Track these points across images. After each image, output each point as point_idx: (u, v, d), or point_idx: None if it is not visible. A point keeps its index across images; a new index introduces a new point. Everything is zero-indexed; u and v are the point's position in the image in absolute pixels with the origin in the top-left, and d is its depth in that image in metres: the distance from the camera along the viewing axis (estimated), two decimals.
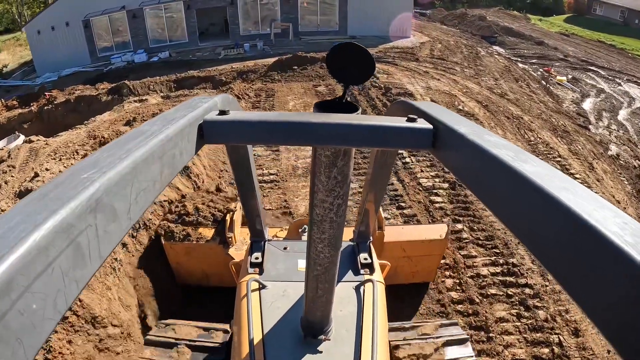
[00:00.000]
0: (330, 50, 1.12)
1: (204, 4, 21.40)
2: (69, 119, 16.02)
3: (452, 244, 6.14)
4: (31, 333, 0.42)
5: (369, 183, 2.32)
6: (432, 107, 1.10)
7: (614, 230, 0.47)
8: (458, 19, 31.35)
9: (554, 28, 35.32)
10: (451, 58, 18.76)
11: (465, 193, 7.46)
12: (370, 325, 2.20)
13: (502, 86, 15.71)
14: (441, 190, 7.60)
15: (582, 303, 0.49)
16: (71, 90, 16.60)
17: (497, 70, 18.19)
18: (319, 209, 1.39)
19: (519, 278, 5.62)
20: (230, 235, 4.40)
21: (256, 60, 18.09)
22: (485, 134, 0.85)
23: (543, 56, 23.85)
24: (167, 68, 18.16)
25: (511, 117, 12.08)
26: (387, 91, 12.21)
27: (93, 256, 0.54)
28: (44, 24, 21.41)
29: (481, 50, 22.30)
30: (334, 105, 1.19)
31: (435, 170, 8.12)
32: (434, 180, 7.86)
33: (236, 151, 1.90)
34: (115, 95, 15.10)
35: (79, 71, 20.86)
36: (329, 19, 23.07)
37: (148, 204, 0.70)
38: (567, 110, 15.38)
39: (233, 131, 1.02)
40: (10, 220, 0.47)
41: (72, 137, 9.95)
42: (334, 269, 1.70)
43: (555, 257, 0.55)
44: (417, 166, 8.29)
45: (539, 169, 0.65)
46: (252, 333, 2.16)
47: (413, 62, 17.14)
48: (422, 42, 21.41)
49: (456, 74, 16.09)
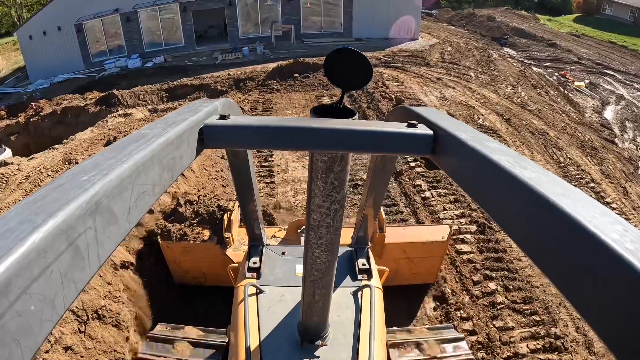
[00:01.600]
0: (328, 56, 1.11)
1: (201, 5, 19.87)
2: (56, 131, 14.82)
3: (484, 312, 4.84)
4: (29, 334, 0.41)
5: (368, 189, 2.29)
6: (433, 113, 1.09)
7: (614, 237, 0.46)
8: (466, 20, 29.67)
9: (563, 28, 33.56)
10: (463, 62, 17.21)
11: (497, 238, 6.03)
12: (368, 330, 2.15)
13: (520, 94, 14.19)
14: (468, 235, 6.15)
15: (582, 309, 0.48)
16: (59, 100, 15.33)
17: (513, 76, 16.64)
18: (316, 214, 1.37)
19: (562, 354, 4.52)
20: (228, 235, 4.30)
21: (255, 65, 16.65)
22: (485, 140, 0.84)
23: (557, 59, 22.26)
24: (161, 74, 16.76)
25: (536, 133, 10.63)
26: (398, 103, 10.74)
27: (92, 258, 0.53)
28: (36, 29, 20.03)
29: (493, 52, 20.73)
30: (331, 110, 1.15)
31: (461, 208, 6.66)
32: (459, 221, 6.40)
33: (236, 156, 1.88)
34: (104, 106, 13.75)
35: (72, 77, 19.48)
36: (333, 21, 21.43)
37: (147, 207, 0.69)
38: (591, 121, 13.86)
39: (233, 136, 1.00)
40: (9, 221, 0.46)
41: (47, 160, 9.01)
42: (331, 274, 1.67)
43: (555, 263, 0.53)
44: (438, 202, 6.83)
45: (539, 175, 0.64)
46: (249, 338, 2.13)
47: (424, 67, 15.63)
48: (431, 44, 19.84)
49: (471, 80, 14.58)
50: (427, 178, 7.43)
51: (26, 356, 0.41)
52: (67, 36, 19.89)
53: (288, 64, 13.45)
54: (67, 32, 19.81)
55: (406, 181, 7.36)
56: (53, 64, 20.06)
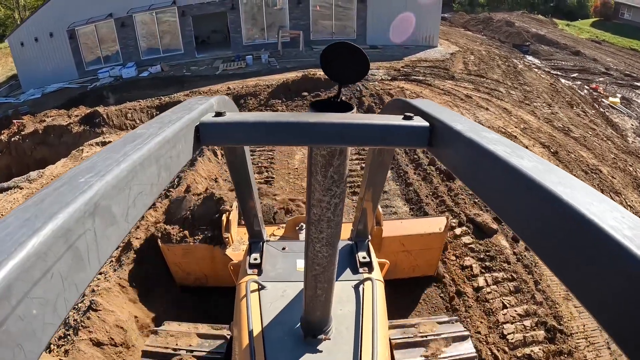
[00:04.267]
0: (325, 49, 1.06)
1: (201, 9, 17.71)
2: (39, 152, 12.94)
3: None
4: (32, 338, 0.40)
5: (366, 182, 2.25)
6: (429, 105, 1.07)
7: (611, 224, 0.45)
8: (483, 24, 27.28)
9: (583, 34, 31.04)
10: (490, 74, 15.00)
11: (570, 347, 4.00)
12: (370, 323, 2.09)
13: (559, 115, 12.01)
14: (536, 349, 4.14)
15: (581, 296, 0.47)
16: (43, 117, 13.36)
17: (545, 91, 14.43)
18: (316, 209, 1.33)
19: None
20: (227, 235, 4.21)
21: (259, 77, 14.59)
22: (482, 130, 0.82)
23: (584, 69, 19.96)
24: (155, 86, 14.76)
25: (588, 171, 8.58)
26: None
27: (92, 260, 0.52)
28: (27, 35, 18.11)
29: (518, 62, 18.47)
30: (329, 104, 1.12)
31: (523, 301, 4.66)
32: (522, 325, 4.39)
33: (233, 152, 1.83)
34: (87, 126, 11.80)
35: (65, 87, 17.56)
36: (344, 25, 19.10)
37: (146, 207, 0.68)
38: (636, 148, 11.62)
39: (230, 133, 0.97)
40: (8, 225, 0.45)
41: (9, 200, 7.50)
42: (332, 268, 1.64)
43: (554, 251, 0.52)
44: (494, 294, 4.83)
45: (536, 164, 0.63)
46: (252, 334, 2.08)
47: (449, 80, 13.46)
48: (451, 52, 17.61)
49: (503, 98, 12.40)
50: (478, 253, 5.37)
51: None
52: (60, 43, 17.94)
53: (295, 81, 11.36)
54: (59, 38, 17.85)
55: (452, 260, 5.28)
56: (46, 73, 18.16)
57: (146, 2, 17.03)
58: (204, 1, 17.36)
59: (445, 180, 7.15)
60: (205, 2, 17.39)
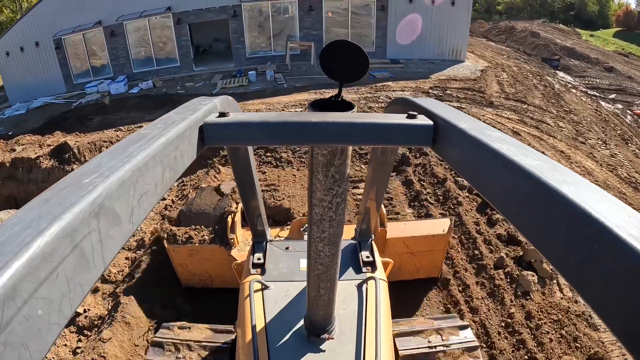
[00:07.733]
0: (324, 48, 1.03)
1: (199, 17, 15.27)
2: (7, 188, 10.65)
3: None
4: (37, 338, 0.40)
5: (370, 181, 2.21)
6: (432, 104, 1.03)
7: (618, 224, 0.43)
8: (505, 34, 24.61)
9: (609, 46, 28.19)
10: (530, 98, 12.49)
11: None
12: (374, 323, 2.03)
13: (619, 158, 9.54)
14: None
15: (587, 296, 0.45)
16: (14, 144, 11.11)
17: (594, 121, 11.92)
18: (318, 208, 1.31)
19: None
20: (232, 236, 4.15)
21: (263, 98, 12.22)
22: (486, 129, 0.79)
23: (620, 89, 17.32)
24: (142, 107, 12.46)
25: None
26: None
27: (97, 260, 0.50)
28: (13, 44, 15.87)
29: (552, 80, 15.90)
30: (330, 104, 1.08)
31: None
32: None
33: (236, 153, 1.80)
34: (56, 162, 9.53)
35: (50, 103, 15.32)
36: (362, 35, 16.46)
37: (150, 207, 0.65)
38: None
39: (233, 133, 0.93)
40: (13, 226, 0.44)
41: None
42: (335, 267, 1.60)
43: (559, 250, 0.50)
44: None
45: (541, 162, 0.61)
46: (256, 333, 2.02)
47: (487, 108, 10.97)
48: (480, 68, 15.06)
49: (554, 133, 9.92)
50: None
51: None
52: (46, 53, 15.68)
53: (306, 105, 8.93)
54: (45, 48, 15.60)
55: None
56: (33, 85, 15.94)
57: (138, 8, 14.68)
58: (202, 7, 14.95)
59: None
60: (203, 9, 14.98)
